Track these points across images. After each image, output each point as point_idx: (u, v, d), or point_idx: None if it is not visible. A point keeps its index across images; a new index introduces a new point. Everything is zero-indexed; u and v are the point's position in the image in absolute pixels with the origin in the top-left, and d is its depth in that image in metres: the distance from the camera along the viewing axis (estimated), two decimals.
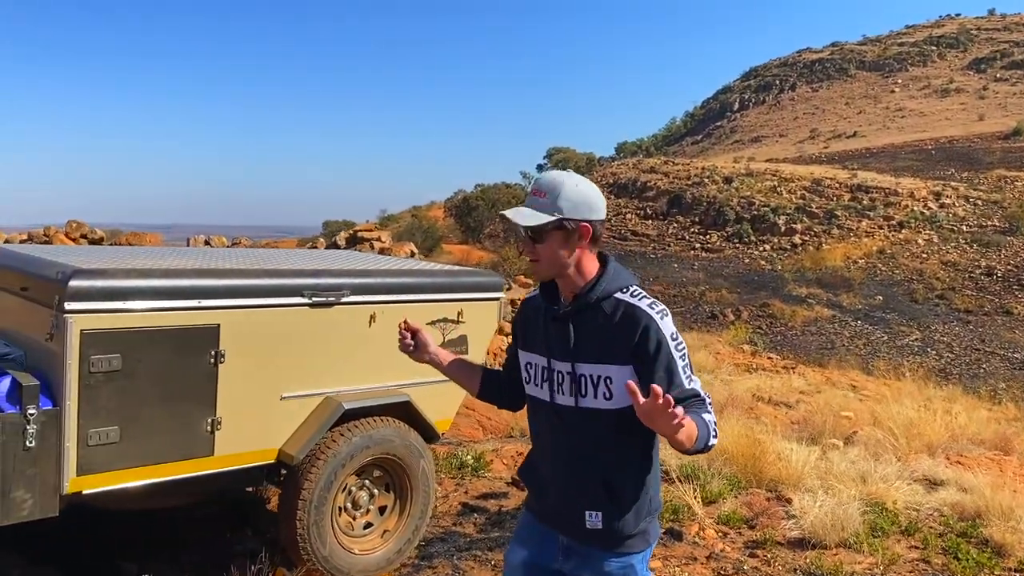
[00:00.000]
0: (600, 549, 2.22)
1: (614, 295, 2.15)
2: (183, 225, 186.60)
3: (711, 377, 12.03)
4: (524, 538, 2.40)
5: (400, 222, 44.57)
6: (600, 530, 2.18)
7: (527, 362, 2.31)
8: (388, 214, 49.33)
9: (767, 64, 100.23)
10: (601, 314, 2.14)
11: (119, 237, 9.76)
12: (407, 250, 11.47)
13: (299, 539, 3.60)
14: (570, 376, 2.17)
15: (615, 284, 2.16)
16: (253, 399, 3.51)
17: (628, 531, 2.19)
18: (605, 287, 2.15)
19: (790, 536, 5.08)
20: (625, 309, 2.12)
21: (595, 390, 2.13)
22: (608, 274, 2.18)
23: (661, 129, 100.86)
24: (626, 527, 2.18)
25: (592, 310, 2.15)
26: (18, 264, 3.46)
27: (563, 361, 2.18)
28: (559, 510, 2.26)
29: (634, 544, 2.23)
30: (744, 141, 75.20)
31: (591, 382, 2.13)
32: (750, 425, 7.66)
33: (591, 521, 2.18)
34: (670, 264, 37.12)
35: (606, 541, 2.20)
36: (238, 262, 3.83)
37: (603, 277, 2.17)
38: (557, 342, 2.19)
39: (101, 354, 3.06)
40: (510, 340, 2.52)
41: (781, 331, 27.56)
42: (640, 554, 2.26)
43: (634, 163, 54.40)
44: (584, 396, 2.14)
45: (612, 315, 2.12)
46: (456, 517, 4.99)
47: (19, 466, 2.95)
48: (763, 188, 42.20)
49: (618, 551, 2.21)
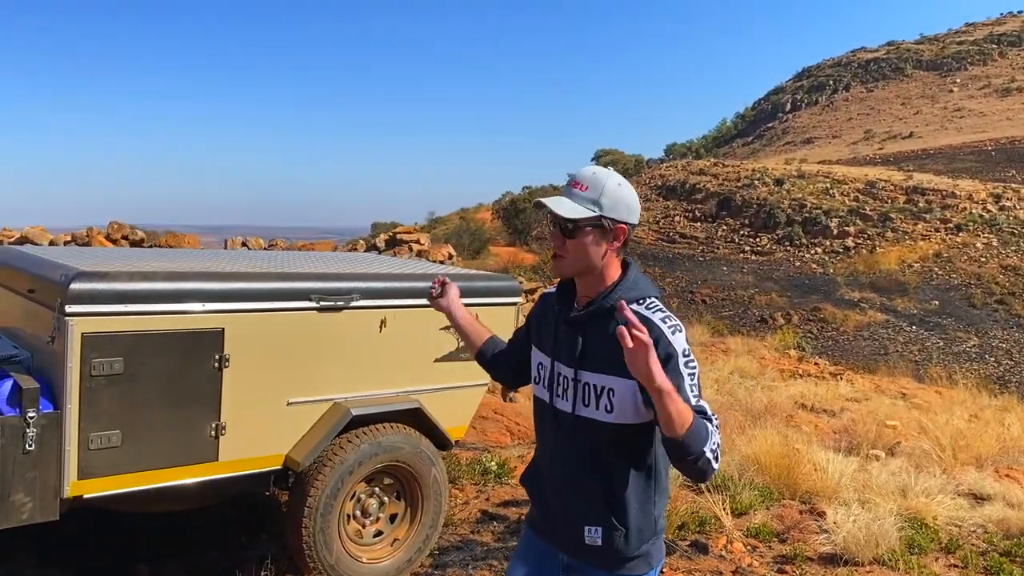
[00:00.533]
0: (600, 569, 2.13)
1: (629, 306, 2.03)
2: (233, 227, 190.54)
3: (753, 383, 11.77)
4: (525, 555, 2.32)
5: (448, 224, 44.75)
6: (599, 547, 2.09)
7: (538, 362, 2.24)
8: (436, 216, 49.57)
9: (820, 64, 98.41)
10: (613, 323, 2.01)
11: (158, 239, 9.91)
12: (445, 252, 11.44)
13: (305, 546, 3.55)
14: (573, 382, 2.08)
15: (633, 294, 2.07)
16: (259, 404, 3.47)
17: (629, 552, 2.09)
18: (621, 296, 2.05)
19: (822, 551, 4.88)
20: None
21: (596, 401, 2.04)
22: (627, 282, 2.10)
23: (711, 131, 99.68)
24: (628, 547, 2.08)
25: (605, 317, 2.05)
26: (26, 266, 3.47)
27: (567, 366, 2.10)
28: (559, 522, 2.17)
29: (636, 567, 2.13)
30: (796, 142, 73.91)
31: (593, 392, 2.04)
32: (788, 434, 7.44)
33: (590, 536, 2.09)
34: (719, 267, 36.60)
35: (605, 560, 2.11)
36: (247, 265, 3.79)
37: (621, 284, 2.08)
38: (565, 346, 2.11)
39: (103, 357, 3.04)
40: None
41: (832, 336, 26.98)
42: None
43: (683, 165, 53.83)
44: (587, 405, 2.06)
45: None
46: (475, 525, 4.90)
47: (19, 469, 2.94)
48: (815, 190, 41.41)
49: (619, 572, 2.12)
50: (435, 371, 3.96)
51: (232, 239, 10.48)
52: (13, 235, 9.73)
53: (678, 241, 41.06)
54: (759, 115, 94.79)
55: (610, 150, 71.52)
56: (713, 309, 30.12)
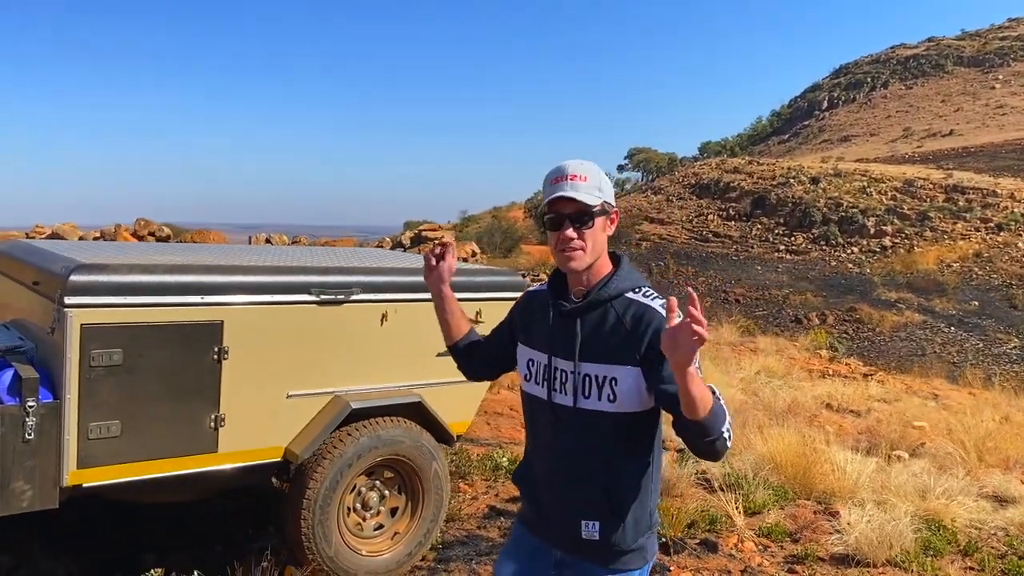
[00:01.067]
0: (595, 564, 2.12)
1: (625, 294, 2.08)
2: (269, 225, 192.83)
3: (780, 383, 11.63)
4: (515, 552, 2.31)
5: (480, 223, 44.83)
6: (596, 541, 2.08)
7: (528, 359, 2.22)
8: (469, 215, 49.67)
9: (858, 61, 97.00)
10: (612, 313, 2.06)
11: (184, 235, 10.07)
12: (469, 250, 11.44)
13: (304, 538, 3.58)
14: (572, 375, 2.08)
15: (627, 283, 2.09)
16: (258, 396, 3.50)
17: (626, 545, 2.09)
18: (618, 285, 2.08)
19: (834, 552, 4.81)
20: (636, 309, 2.04)
21: (599, 391, 2.04)
22: (622, 272, 2.11)
23: (746, 128, 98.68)
24: (624, 540, 2.08)
25: (602, 308, 2.07)
26: (32, 259, 3.54)
27: (566, 360, 2.09)
28: (554, 518, 2.16)
29: (631, 561, 2.13)
30: (833, 141, 72.89)
31: (595, 383, 2.04)
32: (809, 434, 7.33)
33: (587, 531, 2.08)
34: (753, 266, 36.26)
35: (602, 554, 2.10)
36: (249, 259, 3.82)
37: (617, 275, 2.10)
38: (562, 339, 2.10)
39: (102, 348, 3.09)
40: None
41: (868, 336, 26.61)
42: (637, 571, 2.16)
43: (717, 163, 53.39)
44: (587, 397, 2.05)
45: (623, 315, 2.04)
46: (482, 520, 4.90)
47: (18, 458, 3.00)
48: (852, 189, 40.85)
49: (614, 567, 2.11)
50: (437, 365, 3.94)
51: (256, 235, 10.59)
52: (45, 231, 9.93)
53: (712, 240, 40.72)
54: (795, 113, 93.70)
55: (643, 148, 71.08)
56: (747, 309, 29.84)
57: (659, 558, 4.58)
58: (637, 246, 40.21)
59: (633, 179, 68.47)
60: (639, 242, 40.72)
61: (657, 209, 46.14)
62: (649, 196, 49.75)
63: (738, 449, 6.58)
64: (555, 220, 2.04)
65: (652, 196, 49.40)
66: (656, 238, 41.28)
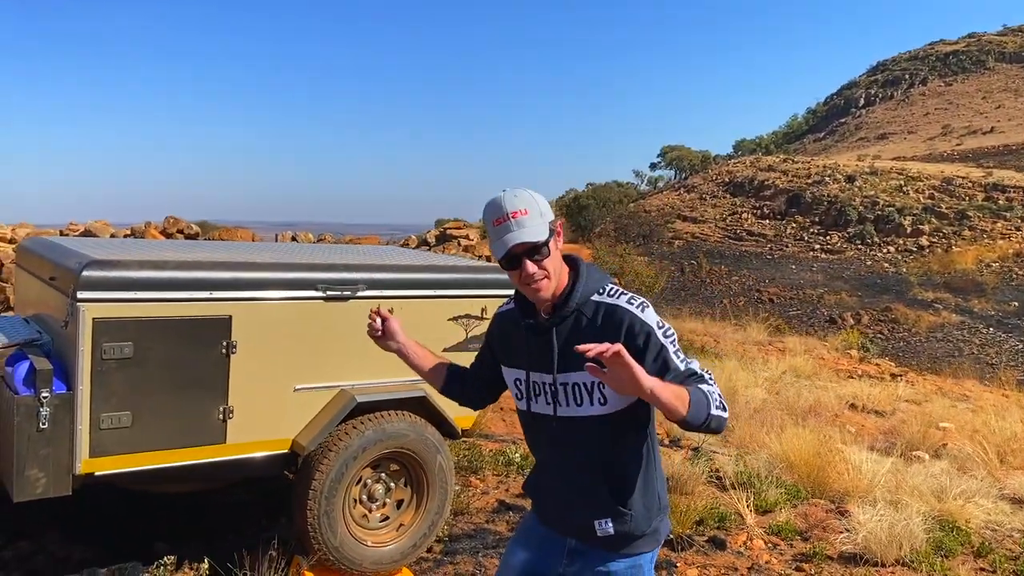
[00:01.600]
0: (608, 551, 2.18)
1: (591, 298, 2.10)
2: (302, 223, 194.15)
3: (806, 383, 11.54)
4: (525, 540, 2.37)
5: None
6: (612, 536, 2.15)
7: (514, 379, 2.26)
8: None
9: (896, 57, 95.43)
10: (583, 319, 2.09)
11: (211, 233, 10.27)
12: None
13: (309, 528, 3.66)
14: (552, 387, 2.13)
15: (591, 286, 2.12)
16: (266, 389, 3.59)
17: (640, 531, 2.17)
18: (583, 291, 2.10)
19: (843, 550, 4.80)
20: (606, 310, 2.07)
21: (589, 397, 2.08)
22: (582, 277, 2.12)
23: (781, 126, 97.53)
24: (637, 528, 2.16)
25: (573, 316, 2.10)
26: (50, 255, 3.66)
27: (546, 373, 2.13)
28: (567, 523, 2.22)
29: (644, 544, 2.20)
30: (869, 138, 71.83)
31: (584, 390, 2.08)
32: (828, 433, 7.30)
33: (602, 529, 2.15)
34: (787, 265, 35.90)
35: (617, 543, 2.17)
36: (259, 256, 3.91)
37: (578, 281, 2.12)
38: (539, 354, 2.14)
39: (113, 341, 3.19)
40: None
41: (904, 337, 26.22)
42: (649, 554, 2.23)
43: (751, 161, 52.89)
44: (580, 404, 2.10)
45: (594, 318, 2.08)
46: (491, 514, 4.96)
47: (33, 446, 3.11)
48: (888, 187, 40.28)
49: (626, 551, 2.18)
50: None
51: (283, 233, 10.76)
52: (79, 228, 10.19)
53: (745, 239, 40.39)
54: (831, 110, 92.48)
55: (676, 146, 70.54)
56: (780, 308, 29.56)
57: (666, 554, 4.61)
58: (669, 244, 40.01)
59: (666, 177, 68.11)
60: (671, 240, 40.51)
61: (690, 207, 45.86)
62: (682, 194, 49.45)
63: (752, 448, 6.58)
64: (512, 260, 2.04)
65: (685, 194, 49.10)
66: (689, 236, 41.03)
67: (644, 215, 43.85)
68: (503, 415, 7.17)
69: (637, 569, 2.19)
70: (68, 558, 3.93)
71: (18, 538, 4.03)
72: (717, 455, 6.57)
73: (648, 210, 45.84)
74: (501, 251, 2.02)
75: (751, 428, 7.33)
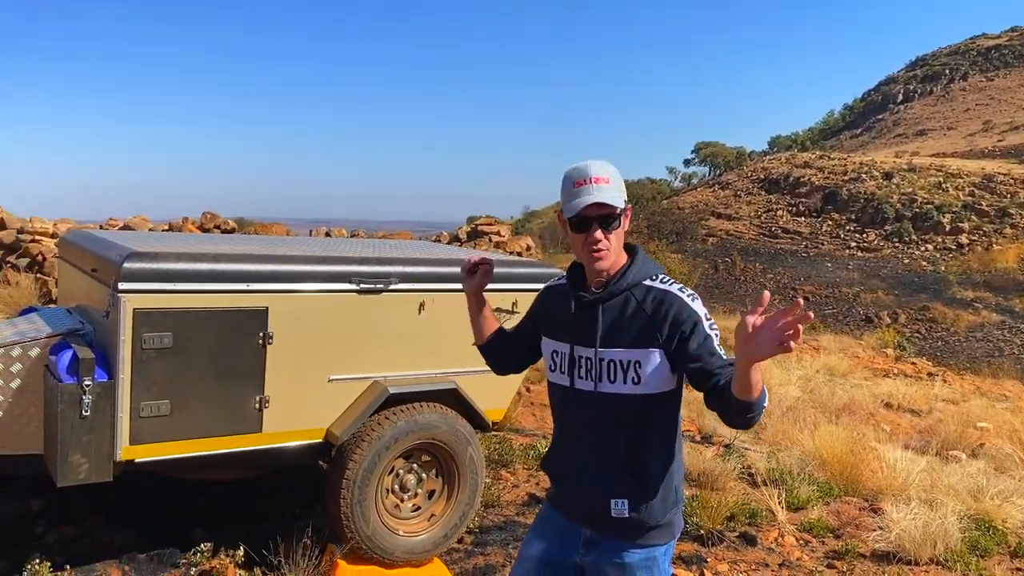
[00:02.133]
0: (624, 540, 2.20)
1: (643, 282, 2.18)
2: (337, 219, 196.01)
3: (841, 381, 11.44)
4: (542, 531, 2.39)
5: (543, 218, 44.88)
6: (626, 519, 2.17)
7: (552, 350, 2.31)
8: (531, 210, 49.75)
9: (935, 52, 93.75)
10: (632, 300, 2.16)
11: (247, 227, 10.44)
12: (523, 244, 11.55)
13: (343, 516, 3.72)
14: (595, 362, 2.17)
15: (645, 272, 2.19)
16: (301, 380, 3.65)
17: (654, 521, 2.18)
18: (636, 274, 2.18)
19: (876, 548, 4.77)
20: (656, 294, 2.14)
21: (624, 375, 2.13)
22: (638, 262, 2.20)
23: (818, 122, 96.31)
24: (652, 516, 2.18)
25: (622, 296, 2.16)
26: (92, 247, 3.76)
27: (588, 347, 2.18)
28: (583, 499, 2.25)
29: (658, 536, 2.22)
30: (908, 135, 70.73)
31: (620, 367, 2.13)
32: (863, 431, 7.24)
33: (617, 509, 2.17)
34: (823, 263, 35.55)
35: (631, 531, 2.19)
36: (294, 250, 3.98)
37: (633, 264, 2.19)
38: (584, 328, 2.20)
39: (153, 332, 3.27)
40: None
41: (942, 336, 25.87)
42: (664, 547, 2.25)
43: (787, 157, 52.38)
44: (613, 382, 2.14)
45: (643, 301, 2.14)
46: (520, 507, 5.00)
47: (76, 433, 3.20)
48: (927, 184, 39.68)
49: (641, 542, 2.20)
50: (473, 354, 4.02)
51: (317, 228, 10.90)
52: (118, 223, 10.39)
53: (780, 236, 40.04)
54: (869, 106, 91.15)
55: (710, 142, 69.96)
56: (816, 307, 29.29)
57: (696, 549, 4.62)
58: (703, 242, 39.77)
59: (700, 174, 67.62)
60: (705, 238, 40.27)
61: (724, 204, 45.54)
62: (716, 191, 49.11)
63: (785, 445, 6.54)
64: (582, 222, 2.12)
65: (719, 191, 48.75)
66: (723, 234, 40.76)
67: (677, 212, 43.60)
68: (533, 410, 7.20)
69: (652, 561, 2.21)
70: (110, 543, 4.02)
71: (63, 523, 4.13)
72: (749, 451, 6.55)
73: (681, 207, 45.58)
74: (574, 211, 2.09)
75: (784, 425, 7.29)
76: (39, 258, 9.87)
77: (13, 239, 10.14)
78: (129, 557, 3.93)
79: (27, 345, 3.49)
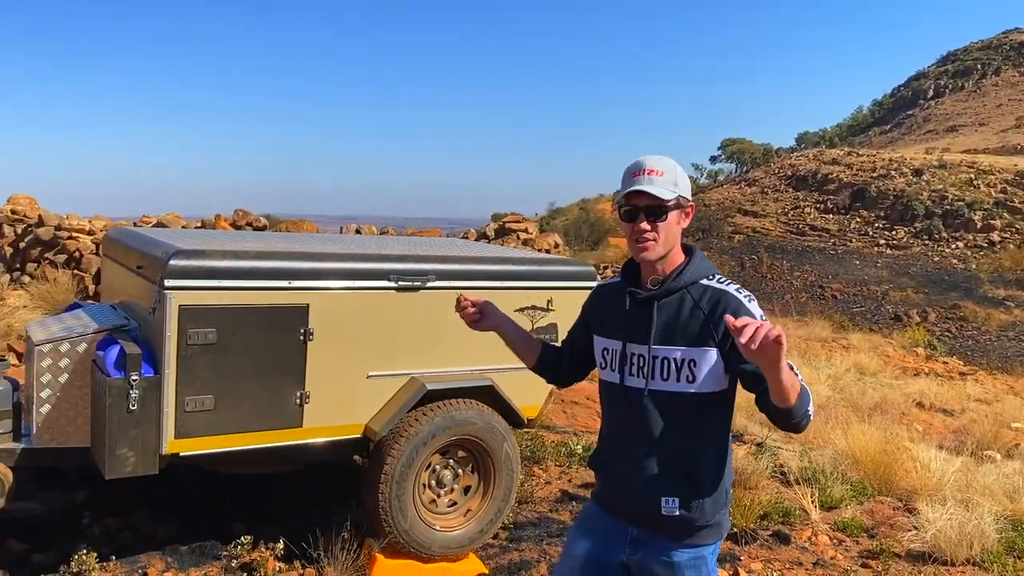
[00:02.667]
0: (672, 539, 2.20)
1: (700, 281, 2.18)
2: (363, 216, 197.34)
3: (871, 380, 11.35)
4: (587, 529, 2.38)
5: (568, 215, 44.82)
6: (676, 517, 2.16)
7: (603, 348, 2.32)
8: (556, 207, 49.71)
9: (967, 47, 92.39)
10: (688, 299, 2.16)
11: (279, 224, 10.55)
12: (551, 241, 11.57)
13: (381, 511, 3.77)
14: (648, 359, 2.17)
15: (701, 271, 2.20)
16: (340, 376, 3.71)
17: (704, 520, 2.18)
18: (692, 273, 2.18)
19: (911, 548, 4.74)
20: (713, 294, 2.15)
21: (678, 373, 2.13)
22: (695, 261, 2.21)
23: (846, 119, 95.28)
24: (702, 516, 2.17)
25: (678, 295, 2.17)
26: (136, 245, 3.83)
27: (641, 344, 2.18)
28: (632, 497, 2.23)
29: (707, 535, 2.21)
30: (938, 131, 69.77)
31: (674, 365, 2.13)
32: (895, 431, 7.19)
33: (667, 507, 2.16)
34: (851, 261, 35.20)
35: (680, 530, 2.19)
36: (333, 247, 4.03)
37: (690, 263, 2.20)
38: (638, 325, 2.20)
39: (197, 328, 3.33)
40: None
41: (972, 335, 25.51)
42: (712, 546, 2.24)
43: (815, 154, 51.86)
44: (666, 379, 2.15)
45: (699, 300, 2.14)
46: (554, 504, 5.03)
47: (123, 427, 3.27)
48: (957, 181, 39.15)
49: (690, 542, 2.20)
50: (508, 351, 4.09)
51: (347, 225, 10.98)
52: (152, 220, 10.54)
53: (808, 233, 39.69)
54: (898, 102, 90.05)
55: (737, 139, 69.47)
56: (844, 305, 29.02)
57: (729, 548, 4.62)
58: (730, 239, 39.53)
59: (726, 171, 67.21)
60: (731, 235, 40.01)
61: (751, 201, 45.22)
62: (743, 188, 48.79)
63: (817, 444, 6.52)
64: (630, 212, 2.14)
65: (746, 188, 48.43)
66: (749, 231, 40.48)
67: (704, 209, 43.35)
68: (564, 407, 7.22)
69: (700, 560, 2.20)
70: (153, 535, 4.11)
71: (107, 515, 4.22)
72: (781, 450, 6.53)
73: (708, 204, 45.31)
74: (625, 199, 2.13)
75: (815, 424, 7.25)
76: (76, 254, 10.04)
77: (51, 236, 10.32)
78: (172, 549, 4.01)
79: (75, 340, 3.57)
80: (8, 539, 3.91)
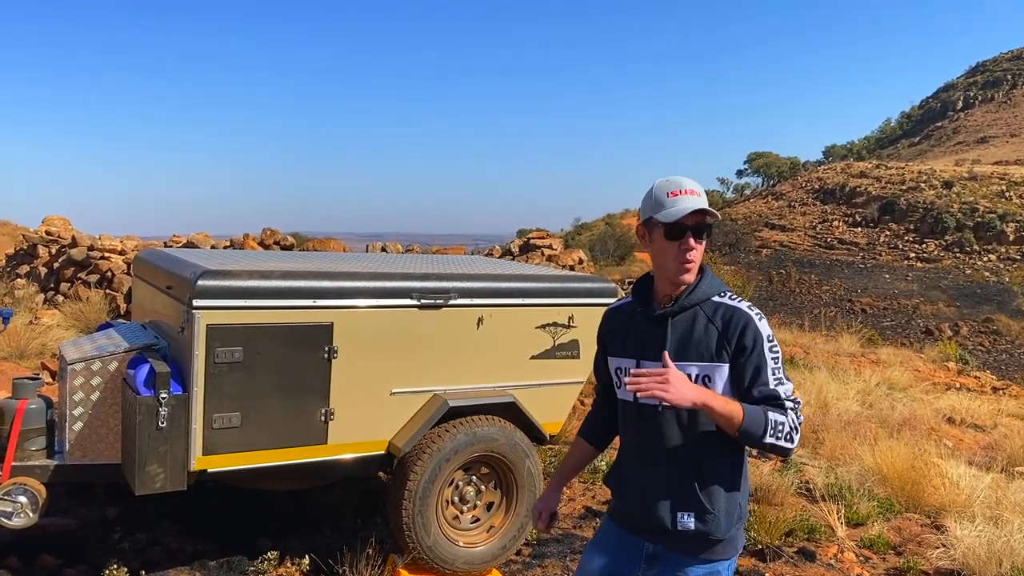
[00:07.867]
0: (687, 555, 2.22)
1: (712, 298, 2.22)
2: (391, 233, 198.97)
3: (901, 395, 11.21)
4: (603, 545, 2.41)
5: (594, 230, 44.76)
6: (691, 532, 2.18)
7: (617, 367, 2.35)
8: (582, 222, 49.68)
9: (996, 58, 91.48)
10: (701, 315, 2.20)
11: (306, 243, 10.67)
12: (575, 257, 11.60)
13: (404, 527, 3.81)
14: None
15: (713, 288, 2.23)
16: (364, 393, 3.76)
17: (719, 535, 2.20)
18: (705, 290, 2.22)
19: (939, 566, 4.70)
20: (725, 310, 2.18)
21: None
22: (706, 279, 2.24)
23: (874, 131, 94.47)
24: (717, 530, 2.19)
25: (692, 311, 2.20)
26: (165, 265, 3.92)
27: (656, 361, 2.18)
28: (647, 513, 2.25)
29: (722, 551, 2.23)
30: (968, 142, 69.01)
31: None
32: (924, 446, 7.10)
33: (683, 522, 2.18)
34: (880, 275, 34.86)
35: (695, 545, 2.21)
36: (357, 266, 4.10)
37: (703, 281, 2.23)
38: (652, 343, 2.23)
39: (225, 346, 3.41)
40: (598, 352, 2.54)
41: (1006, 349, 25.15)
42: (727, 561, 2.26)
43: (842, 167, 51.53)
44: None
45: (712, 316, 2.18)
46: (577, 520, 5.04)
47: (153, 444, 3.34)
48: (989, 193, 38.71)
49: (705, 557, 2.21)
50: (530, 368, 4.14)
51: (373, 244, 11.09)
52: (181, 240, 10.72)
53: (836, 247, 39.39)
54: (927, 114, 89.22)
55: (763, 152, 69.09)
56: (873, 319, 28.73)
57: (754, 564, 4.60)
58: (756, 253, 39.31)
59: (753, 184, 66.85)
60: (758, 249, 39.79)
61: (778, 215, 44.98)
62: (770, 202, 48.55)
63: (843, 460, 6.47)
64: (679, 230, 2.14)
65: (773, 202, 48.19)
66: (777, 245, 40.24)
67: (730, 223, 43.14)
68: None
69: (715, 575, 2.23)
70: (181, 550, 4.18)
71: (135, 530, 4.30)
72: (807, 466, 6.48)
73: (734, 218, 45.11)
74: (673, 217, 2.13)
75: (842, 440, 7.19)
76: (108, 274, 10.23)
77: (84, 256, 10.52)
78: (200, 564, 4.07)
79: (106, 359, 3.66)
80: (42, 553, 4.00)
